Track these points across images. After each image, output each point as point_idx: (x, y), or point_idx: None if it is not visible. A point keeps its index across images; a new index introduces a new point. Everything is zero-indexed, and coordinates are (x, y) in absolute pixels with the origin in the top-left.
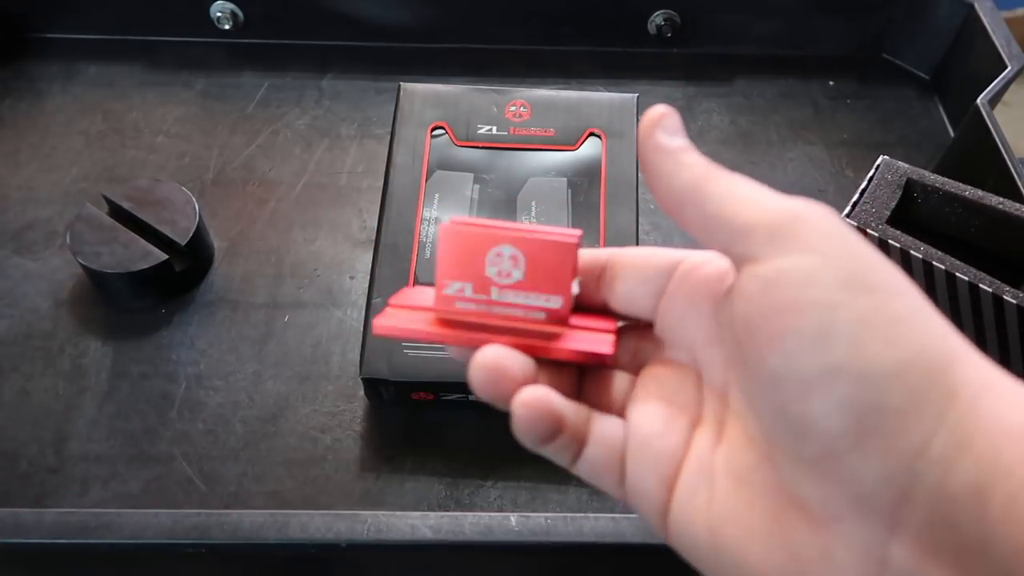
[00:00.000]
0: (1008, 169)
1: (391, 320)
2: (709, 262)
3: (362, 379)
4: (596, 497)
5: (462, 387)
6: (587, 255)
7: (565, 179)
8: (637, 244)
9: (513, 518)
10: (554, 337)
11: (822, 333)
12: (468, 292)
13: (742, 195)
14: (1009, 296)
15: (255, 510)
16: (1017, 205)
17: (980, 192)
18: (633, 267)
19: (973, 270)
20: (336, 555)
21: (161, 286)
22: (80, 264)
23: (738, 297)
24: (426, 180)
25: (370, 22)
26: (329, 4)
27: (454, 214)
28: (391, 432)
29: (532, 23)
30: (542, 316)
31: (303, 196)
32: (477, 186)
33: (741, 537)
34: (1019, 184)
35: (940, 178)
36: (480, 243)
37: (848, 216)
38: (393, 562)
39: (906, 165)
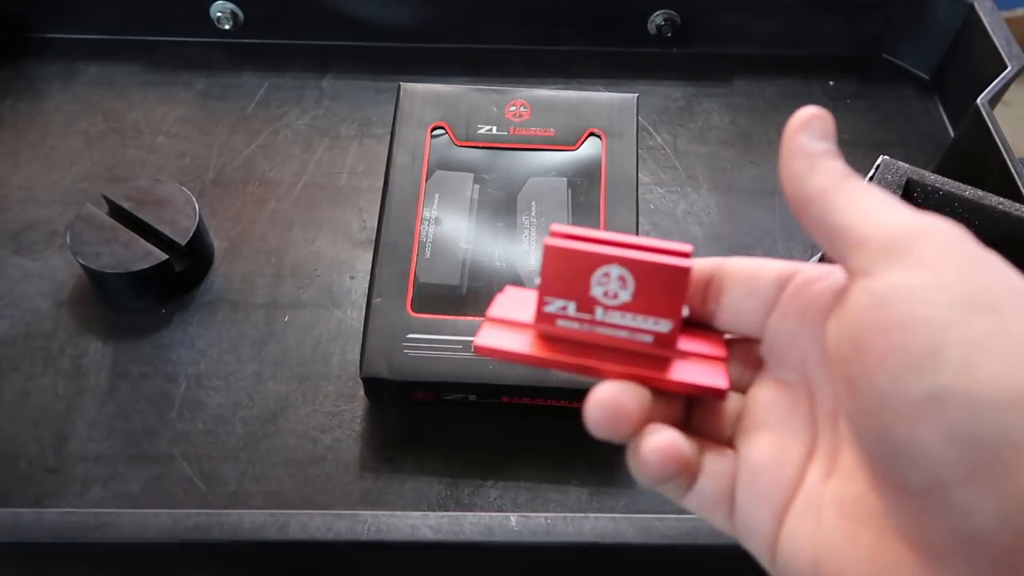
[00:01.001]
0: (1008, 169)
1: (491, 340)
2: (825, 276)
3: (362, 379)
4: (596, 497)
5: (462, 387)
6: (694, 266)
7: (565, 179)
8: None
9: (513, 518)
10: (664, 364)
11: (931, 353)
12: (571, 311)
13: (868, 206)
14: None
15: (255, 510)
16: (1017, 205)
17: (980, 192)
18: (742, 279)
19: None
20: (336, 555)
21: (161, 286)
22: (80, 264)
23: (848, 312)
24: (426, 180)
25: (370, 22)
26: (329, 4)
27: (454, 214)
28: (391, 432)
29: (532, 23)
30: (649, 340)
31: (303, 196)
32: (477, 186)
33: (843, 570)
34: (1019, 184)
35: (940, 178)
36: (587, 262)
37: None
38: (393, 562)
39: (906, 165)
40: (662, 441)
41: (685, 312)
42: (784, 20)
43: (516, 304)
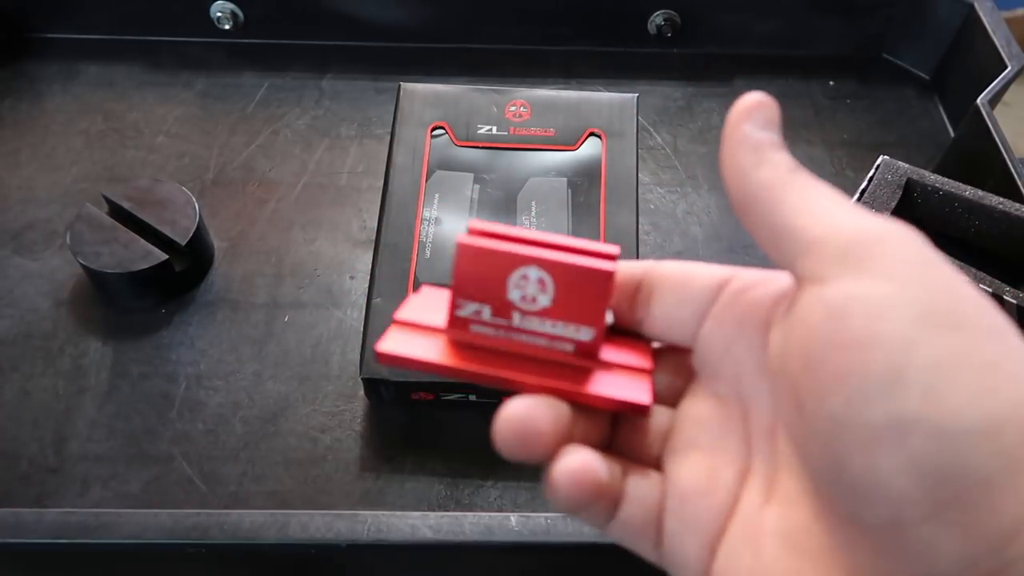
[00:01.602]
0: (1008, 169)
1: (396, 345)
2: (763, 283)
3: (362, 379)
4: None
5: (462, 387)
6: (621, 269)
7: (565, 179)
8: (637, 244)
9: (513, 518)
10: (584, 376)
11: (894, 376)
12: (486, 315)
13: (819, 206)
14: (1009, 296)
15: (255, 510)
16: (1017, 205)
17: (980, 192)
18: (673, 285)
19: (973, 270)
20: (336, 555)
21: (161, 286)
22: (80, 264)
23: (798, 323)
24: (426, 180)
25: (370, 22)
26: (329, 4)
27: (454, 214)
28: (391, 432)
29: (532, 23)
30: (570, 348)
31: (303, 196)
32: (477, 186)
33: None
34: (1019, 184)
35: (940, 178)
36: (503, 263)
37: None
38: (393, 562)
39: (906, 165)
40: (573, 464)
41: (609, 319)
42: (784, 20)
43: (430, 306)
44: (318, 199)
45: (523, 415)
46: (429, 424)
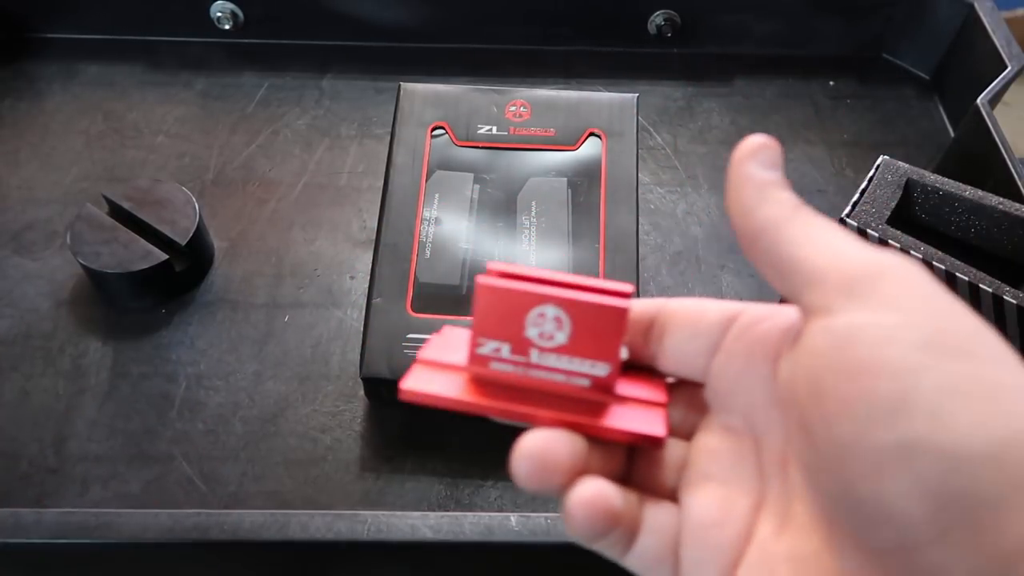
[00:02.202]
0: (1008, 169)
1: (419, 383)
2: (771, 317)
3: (362, 379)
4: None
5: None
6: (634, 306)
7: (565, 179)
8: (637, 244)
9: (513, 518)
10: (600, 410)
11: (900, 401)
12: (505, 353)
13: (823, 240)
14: (1009, 296)
15: (255, 510)
16: (1017, 205)
17: (980, 192)
18: (684, 321)
19: (973, 270)
20: (336, 555)
21: (161, 286)
22: (80, 264)
23: (805, 353)
24: (426, 180)
25: (370, 22)
26: (329, 4)
27: (454, 214)
28: (391, 432)
29: (532, 23)
30: (586, 383)
31: (303, 196)
32: (477, 186)
33: None
34: (1019, 184)
35: (940, 178)
36: (521, 302)
37: (848, 216)
38: (393, 562)
39: (906, 165)
40: (587, 493)
41: (624, 355)
42: (784, 20)
43: (451, 345)
44: (318, 199)
45: (541, 447)
46: (429, 424)
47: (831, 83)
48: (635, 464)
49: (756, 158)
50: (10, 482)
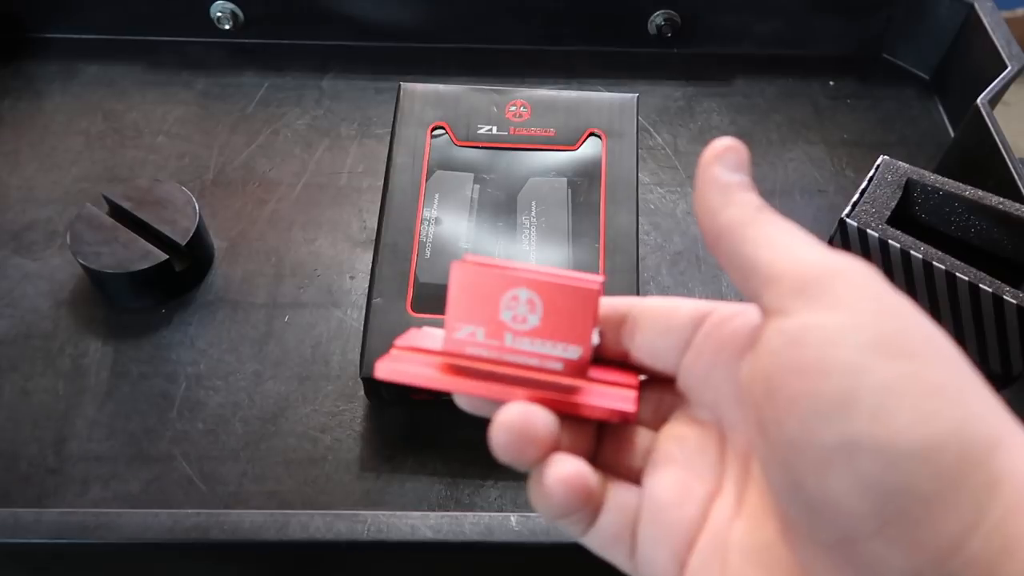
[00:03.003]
0: (1008, 169)
1: (395, 364)
2: (740, 315)
3: (362, 379)
4: None
5: None
6: (608, 303)
7: (565, 179)
8: (637, 244)
9: (513, 518)
10: (574, 390)
11: (844, 399)
12: (480, 337)
13: (781, 242)
14: (1009, 296)
15: (255, 510)
16: (1017, 205)
17: (980, 192)
18: (656, 317)
19: (973, 270)
20: (336, 555)
21: (161, 286)
22: (80, 264)
23: (761, 353)
24: (426, 180)
25: (370, 22)
26: (329, 4)
27: (454, 214)
28: (391, 432)
29: (532, 23)
30: (559, 367)
31: (303, 196)
32: (477, 186)
33: None
34: (1019, 184)
35: (940, 178)
36: (495, 285)
37: (848, 216)
38: (393, 562)
39: (906, 165)
40: (568, 471)
41: (595, 339)
42: (784, 20)
43: (428, 337)
44: (318, 199)
45: (521, 419)
46: (429, 424)
47: (831, 83)
48: (602, 446)
49: (722, 160)
50: (10, 482)
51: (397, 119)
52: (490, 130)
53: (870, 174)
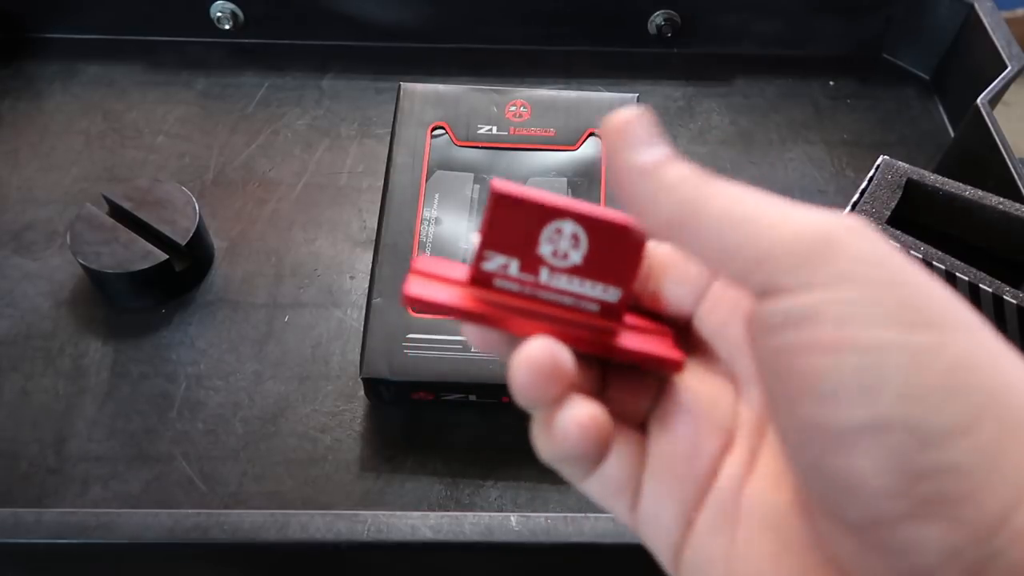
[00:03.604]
0: (1008, 169)
1: (422, 289)
2: None
3: (362, 379)
4: None
5: (462, 387)
6: None
7: (565, 179)
8: None
9: (513, 518)
10: (616, 334)
11: (869, 380)
12: (513, 270)
13: (753, 213)
14: (1009, 296)
15: (255, 510)
16: (1017, 205)
17: (980, 192)
18: (672, 264)
19: (973, 270)
20: (336, 555)
21: (161, 286)
22: (80, 264)
23: (764, 332)
24: (426, 180)
25: (370, 22)
26: (329, 4)
27: (454, 214)
28: (391, 432)
29: (532, 23)
30: (595, 308)
31: (303, 196)
32: (477, 186)
33: None
34: (1019, 184)
35: (940, 178)
36: (538, 215)
37: None
38: (393, 562)
39: (906, 165)
40: (585, 414)
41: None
42: (784, 20)
43: (441, 266)
44: (318, 199)
45: (549, 354)
46: (429, 424)
47: (831, 83)
48: (609, 391)
49: (628, 139)
50: (10, 482)
51: (397, 119)
52: (490, 130)
53: (870, 174)
